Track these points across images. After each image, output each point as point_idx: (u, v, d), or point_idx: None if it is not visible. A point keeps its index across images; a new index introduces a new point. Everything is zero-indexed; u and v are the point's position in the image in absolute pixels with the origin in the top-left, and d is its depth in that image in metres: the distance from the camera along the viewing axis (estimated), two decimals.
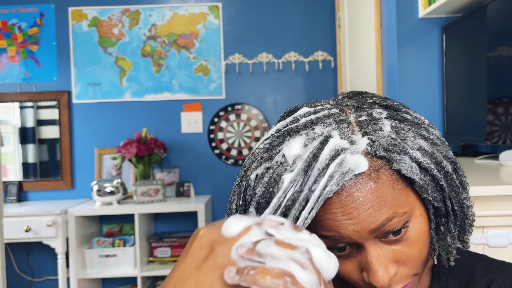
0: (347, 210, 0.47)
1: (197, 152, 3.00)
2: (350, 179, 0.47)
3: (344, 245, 0.50)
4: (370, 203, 0.47)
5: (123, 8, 2.99)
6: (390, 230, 0.48)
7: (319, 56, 2.99)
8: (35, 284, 2.98)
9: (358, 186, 0.47)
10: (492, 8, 1.51)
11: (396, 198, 0.48)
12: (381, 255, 0.49)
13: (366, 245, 0.49)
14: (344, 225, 0.47)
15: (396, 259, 0.50)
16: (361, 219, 0.47)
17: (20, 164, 3.01)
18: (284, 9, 3.01)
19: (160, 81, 2.99)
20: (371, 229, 0.47)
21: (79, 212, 2.58)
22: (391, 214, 0.48)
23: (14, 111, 3.01)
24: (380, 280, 0.48)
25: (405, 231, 0.49)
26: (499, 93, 1.51)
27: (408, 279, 0.51)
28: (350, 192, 0.47)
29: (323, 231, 0.49)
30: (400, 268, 0.50)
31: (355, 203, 0.47)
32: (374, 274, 0.48)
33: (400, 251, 0.50)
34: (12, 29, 2.98)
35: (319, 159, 0.47)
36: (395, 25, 1.96)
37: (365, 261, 0.49)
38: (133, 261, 2.65)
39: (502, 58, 1.49)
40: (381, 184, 0.48)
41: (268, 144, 0.52)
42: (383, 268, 0.48)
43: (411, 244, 0.50)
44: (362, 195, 0.47)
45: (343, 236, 0.48)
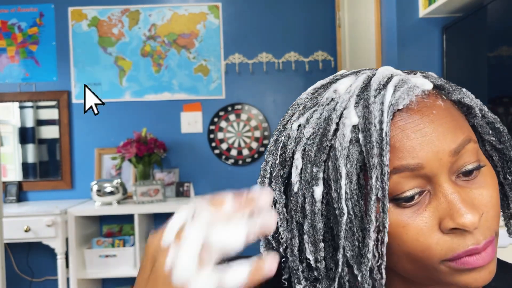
0: (422, 125, 0.42)
1: (197, 152, 3.00)
2: (417, 94, 0.44)
3: (415, 192, 0.42)
4: (445, 118, 0.43)
5: (123, 8, 2.99)
6: (467, 163, 0.43)
7: (319, 56, 2.99)
8: (35, 284, 2.98)
9: (429, 101, 0.44)
10: (492, 8, 1.51)
11: (465, 124, 0.45)
12: (462, 192, 0.42)
13: (442, 181, 0.42)
14: (423, 145, 0.41)
15: (478, 204, 0.43)
16: (441, 133, 0.42)
17: (19, 164, 3.01)
18: (284, 9, 3.00)
19: (160, 81, 2.99)
20: (451, 150, 0.42)
21: (79, 212, 2.58)
22: (467, 136, 0.43)
23: (13, 111, 3.01)
24: (470, 218, 0.40)
25: (478, 172, 0.44)
26: (499, 93, 1.51)
27: (492, 233, 0.43)
28: (422, 106, 0.43)
29: (399, 160, 0.42)
30: (484, 215, 0.43)
31: (429, 116, 0.43)
32: (460, 213, 0.41)
33: (479, 194, 0.43)
34: (12, 29, 2.97)
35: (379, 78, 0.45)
36: (395, 25, 1.96)
37: (446, 202, 0.42)
38: (133, 261, 2.65)
39: (502, 58, 1.49)
40: (449, 106, 0.45)
41: (311, 94, 0.48)
42: (470, 207, 0.41)
43: (487, 187, 0.44)
44: (435, 110, 0.43)
45: (423, 163, 0.41)
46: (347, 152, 0.42)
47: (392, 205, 0.42)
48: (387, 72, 0.46)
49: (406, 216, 0.42)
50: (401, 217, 0.42)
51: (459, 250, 0.42)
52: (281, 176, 0.47)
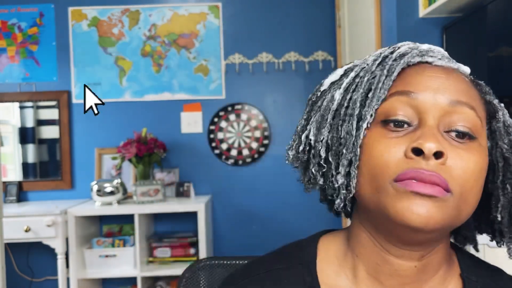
0: (439, 73, 0.50)
1: (197, 152, 3.00)
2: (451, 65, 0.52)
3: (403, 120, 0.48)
4: (460, 86, 0.50)
5: (123, 8, 2.99)
6: (461, 123, 0.47)
7: (319, 56, 2.99)
8: (35, 284, 2.98)
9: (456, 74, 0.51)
10: (492, 8, 1.51)
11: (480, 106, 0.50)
12: (439, 136, 0.47)
13: (428, 121, 0.47)
14: (428, 83, 0.48)
15: (450, 155, 0.46)
16: (447, 86, 0.48)
17: (20, 164, 3.01)
18: (284, 9, 3.00)
19: (160, 81, 2.99)
20: (450, 98, 0.48)
21: (79, 212, 2.58)
22: (473, 104, 0.49)
23: (14, 111, 3.01)
24: (430, 145, 0.45)
25: (469, 142, 0.48)
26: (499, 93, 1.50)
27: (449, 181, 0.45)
28: (447, 71, 0.51)
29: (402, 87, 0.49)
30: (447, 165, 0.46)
31: (448, 76, 0.50)
32: (426, 138, 0.45)
33: (457, 150, 0.47)
34: (12, 29, 2.97)
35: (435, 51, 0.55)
36: (395, 25, 1.96)
37: (420, 132, 0.47)
38: (133, 261, 2.65)
39: (502, 58, 1.49)
40: (473, 90, 0.51)
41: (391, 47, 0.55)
42: (438, 141, 0.45)
43: (472, 154, 0.47)
44: (456, 77, 0.51)
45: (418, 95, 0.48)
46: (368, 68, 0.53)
47: (380, 125, 0.49)
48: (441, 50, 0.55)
49: (384, 135, 0.48)
50: (381, 135, 0.48)
51: (406, 170, 0.45)
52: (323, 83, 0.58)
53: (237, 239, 3.01)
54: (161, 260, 2.71)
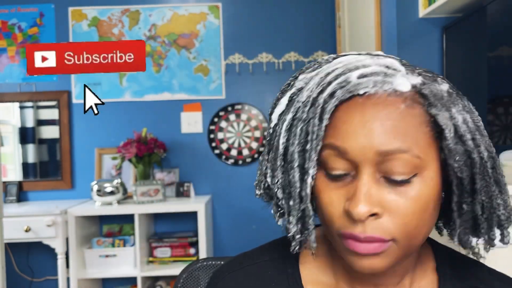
0: (367, 117, 0.46)
1: (197, 152, 3.00)
2: (386, 90, 0.47)
3: (340, 173, 0.48)
4: (392, 121, 0.46)
5: (123, 8, 2.99)
6: (395, 173, 0.46)
7: (319, 56, 2.99)
8: (35, 284, 2.98)
9: (390, 101, 0.46)
10: (492, 8, 1.51)
11: (418, 138, 0.46)
12: (373, 189, 0.46)
13: (363, 173, 0.46)
14: (356, 135, 0.46)
15: (387, 206, 0.46)
16: (376, 133, 0.45)
17: (20, 164, 3.01)
18: (284, 9, 3.00)
19: (160, 81, 2.99)
20: (379, 150, 0.45)
21: (79, 212, 2.58)
22: (406, 147, 0.46)
23: (14, 111, 3.01)
24: (359, 209, 0.45)
25: (410, 181, 0.47)
26: (499, 93, 1.51)
27: (386, 236, 0.46)
28: (379, 102, 0.46)
29: (333, 138, 0.47)
30: (384, 218, 0.46)
31: (378, 113, 0.46)
32: (356, 200, 0.46)
33: (394, 199, 0.46)
34: (12, 29, 2.97)
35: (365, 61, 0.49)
36: (395, 25, 1.96)
37: (354, 189, 0.47)
38: (133, 261, 2.65)
39: (502, 58, 1.49)
40: (411, 115, 0.46)
41: (332, 58, 0.53)
42: (369, 200, 0.46)
43: (407, 198, 0.46)
44: (388, 110, 0.46)
45: (348, 150, 0.46)
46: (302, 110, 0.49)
47: (324, 173, 0.49)
48: (385, 61, 0.49)
49: (328, 186, 0.49)
50: (326, 185, 0.49)
51: (345, 230, 0.48)
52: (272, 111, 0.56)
53: (237, 239, 3.01)
54: (161, 260, 2.71)
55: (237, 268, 0.59)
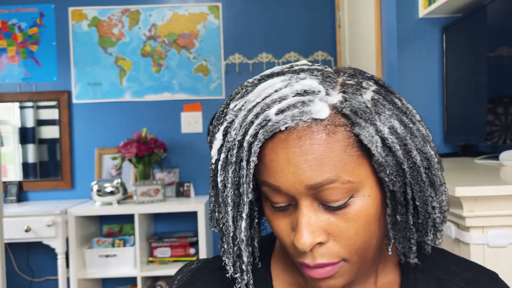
0: (291, 154, 0.46)
1: (197, 152, 3.01)
2: (306, 121, 0.46)
3: (280, 206, 0.49)
4: (315, 154, 0.45)
5: (123, 8, 2.99)
6: (329, 201, 0.47)
7: (319, 56, 2.99)
8: (35, 284, 2.98)
9: (310, 132, 0.46)
10: (492, 8, 1.51)
11: (345, 162, 0.46)
12: (313, 218, 0.47)
13: (301, 204, 0.47)
14: (284, 172, 0.47)
15: (329, 231, 0.48)
16: (302, 169, 0.46)
17: (20, 164, 3.01)
18: (284, 9, 3.01)
19: (160, 81, 2.99)
20: (308, 185, 0.46)
21: (79, 212, 2.58)
22: (333, 176, 0.46)
23: (14, 111, 3.01)
24: (302, 242, 0.47)
25: (348, 204, 0.47)
26: (499, 93, 1.51)
27: (335, 259, 0.48)
28: (301, 135, 0.46)
29: (265, 177, 0.48)
30: (330, 243, 0.48)
31: (301, 148, 0.46)
32: (299, 234, 0.47)
33: (335, 224, 0.47)
34: (12, 29, 2.98)
35: (280, 93, 0.48)
36: (395, 25, 1.96)
37: (296, 220, 0.48)
38: (133, 261, 2.65)
39: (502, 58, 1.49)
40: (334, 141, 0.46)
41: (257, 80, 0.52)
42: (310, 231, 0.47)
43: (347, 220, 0.47)
44: (310, 143, 0.46)
45: (281, 187, 0.47)
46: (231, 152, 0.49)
47: (269, 204, 0.50)
48: (302, 87, 0.47)
49: (276, 216, 0.51)
50: (273, 215, 0.51)
51: (297, 259, 0.50)
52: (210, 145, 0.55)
53: None
54: (161, 260, 2.71)
55: (214, 268, 0.61)
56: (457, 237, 1.01)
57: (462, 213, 0.96)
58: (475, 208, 0.96)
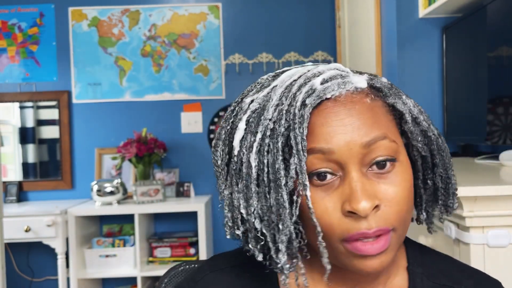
0: (342, 115, 0.48)
1: (197, 152, 3.00)
2: (348, 89, 0.50)
3: (326, 171, 0.48)
4: (364, 115, 0.49)
5: (123, 8, 2.99)
6: (379, 156, 0.48)
7: (319, 56, 2.99)
8: (35, 284, 2.98)
9: (356, 98, 0.49)
10: (492, 8, 1.51)
11: (388, 124, 0.50)
12: (366, 183, 0.47)
13: (351, 171, 0.47)
14: (337, 134, 0.47)
15: (381, 197, 0.48)
16: (355, 128, 0.48)
17: (20, 164, 3.01)
18: (284, 9, 3.01)
19: (160, 81, 2.99)
20: (363, 142, 0.47)
21: (79, 212, 2.58)
22: (383, 133, 0.49)
23: (14, 111, 3.01)
24: (362, 205, 0.46)
25: (391, 166, 0.49)
26: (499, 93, 1.51)
27: (388, 225, 0.48)
28: (348, 100, 0.49)
29: (314, 143, 0.48)
30: (382, 208, 0.48)
31: (351, 111, 0.48)
32: (356, 199, 0.46)
33: (384, 189, 0.48)
34: (12, 29, 2.98)
35: (316, 69, 0.51)
36: (395, 25, 1.96)
37: (349, 188, 0.47)
38: (133, 261, 2.65)
39: (502, 58, 1.49)
40: (377, 106, 0.50)
41: (272, 76, 0.55)
42: (367, 196, 0.46)
43: (395, 184, 0.49)
44: (359, 106, 0.49)
45: (333, 149, 0.47)
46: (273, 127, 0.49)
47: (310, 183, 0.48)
48: (332, 66, 0.52)
49: (316, 195, 0.48)
50: (313, 195, 0.48)
51: (353, 231, 0.47)
52: (228, 140, 0.53)
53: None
54: (161, 260, 2.71)
55: (215, 270, 0.60)
56: (457, 237, 1.01)
57: (462, 213, 0.96)
58: (475, 208, 0.96)
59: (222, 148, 0.54)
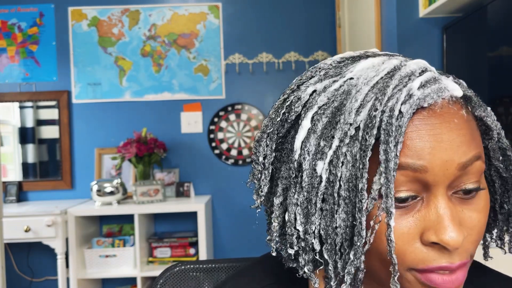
0: (440, 129, 0.40)
1: (197, 152, 3.00)
2: (445, 97, 0.42)
3: (407, 195, 0.41)
4: (464, 130, 0.41)
5: (123, 8, 2.98)
6: (470, 182, 0.42)
7: (319, 56, 2.99)
8: (35, 284, 2.98)
9: (453, 109, 0.42)
10: (492, 8, 1.51)
11: (480, 142, 0.43)
12: (453, 210, 0.41)
13: (439, 194, 0.41)
14: (433, 150, 0.40)
15: (465, 225, 0.42)
16: (454, 145, 0.40)
17: (19, 164, 3.01)
18: (284, 9, 3.00)
19: (160, 81, 2.99)
20: (461, 162, 0.40)
21: (79, 212, 2.58)
22: (479, 153, 0.42)
23: (14, 111, 3.01)
24: (455, 237, 0.39)
25: (475, 193, 0.43)
26: (499, 93, 1.51)
27: (467, 257, 0.42)
28: (445, 112, 0.41)
29: (405, 157, 0.40)
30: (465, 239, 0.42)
31: (449, 124, 0.41)
32: (446, 229, 0.39)
33: (469, 216, 0.42)
34: (12, 29, 2.97)
35: (408, 67, 0.43)
36: (395, 25, 1.96)
37: (436, 215, 0.40)
38: (133, 261, 2.65)
39: (503, 58, 1.49)
40: (470, 119, 0.43)
41: (336, 62, 0.46)
42: (457, 225, 0.40)
43: (479, 211, 0.43)
44: (457, 119, 0.41)
45: (427, 167, 0.40)
46: (355, 133, 0.40)
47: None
48: (421, 64, 0.44)
49: (396, 218, 0.41)
50: None
51: (432, 264, 0.41)
52: (277, 134, 0.46)
53: (237, 239, 3.00)
54: (161, 260, 2.71)
55: None
56: None
57: None
58: None
59: (267, 143, 0.46)
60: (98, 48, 2.98)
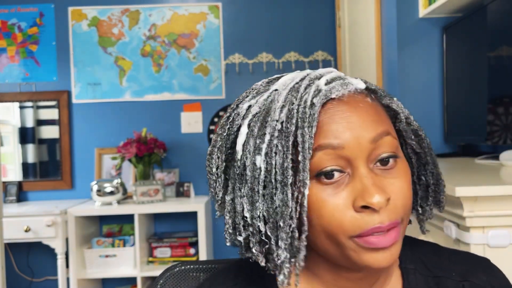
0: (348, 113, 0.49)
1: (197, 152, 3.00)
2: (349, 90, 0.51)
3: (335, 168, 0.48)
4: (369, 112, 0.50)
5: (123, 8, 2.99)
6: (384, 152, 0.49)
7: (319, 56, 2.99)
8: (35, 284, 2.98)
9: (358, 98, 0.51)
10: (492, 8, 1.51)
11: (388, 123, 0.52)
12: (375, 178, 0.48)
13: (360, 167, 0.48)
14: (346, 130, 0.48)
15: (389, 190, 0.49)
16: (361, 124, 0.49)
17: (19, 164, 3.01)
18: (284, 9, 3.00)
19: (160, 81, 2.99)
20: (370, 137, 0.48)
21: (79, 212, 2.58)
22: (387, 129, 0.50)
23: (14, 111, 3.01)
24: (378, 199, 0.46)
25: (393, 162, 0.50)
26: (499, 93, 1.51)
27: (397, 217, 0.49)
28: (351, 100, 0.50)
29: (324, 139, 0.48)
30: (391, 202, 0.48)
31: (356, 109, 0.50)
32: (369, 193, 0.47)
33: (391, 183, 0.49)
34: (12, 29, 2.97)
35: (316, 72, 0.53)
36: (395, 25, 1.96)
37: (360, 184, 0.48)
38: (133, 261, 2.65)
39: (503, 58, 1.49)
40: (376, 105, 0.52)
41: (266, 82, 0.55)
42: (379, 189, 0.47)
43: (399, 177, 0.50)
44: (362, 105, 0.50)
45: (343, 144, 0.48)
46: (281, 127, 0.49)
47: (315, 181, 0.48)
48: (329, 69, 0.54)
49: (326, 193, 0.48)
50: (322, 193, 0.48)
51: (366, 227, 0.47)
52: (225, 147, 0.54)
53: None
54: (161, 260, 2.71)
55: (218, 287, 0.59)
56: (458, 237, 1.01)
57: (462, 213, 0.96)
58: (476, 208, 0.96)
59: (217, 155, 0.54)
60: (98, 48, 2.98)
